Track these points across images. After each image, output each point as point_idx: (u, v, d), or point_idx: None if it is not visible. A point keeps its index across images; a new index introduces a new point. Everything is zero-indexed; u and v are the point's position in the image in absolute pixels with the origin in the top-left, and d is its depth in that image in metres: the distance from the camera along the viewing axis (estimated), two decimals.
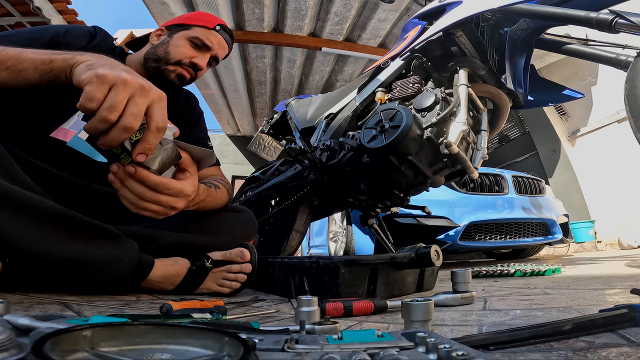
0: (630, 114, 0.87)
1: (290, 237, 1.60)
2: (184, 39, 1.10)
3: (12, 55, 0.65)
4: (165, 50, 1.08)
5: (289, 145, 1.46)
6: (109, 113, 0.54)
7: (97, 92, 0.53)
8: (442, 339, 0.30)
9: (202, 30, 1.12)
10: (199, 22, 1.13)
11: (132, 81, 0.56)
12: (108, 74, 0.54)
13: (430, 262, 0.87)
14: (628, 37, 0.95)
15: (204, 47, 1.11)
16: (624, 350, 0.35)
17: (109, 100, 0.54)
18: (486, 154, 1.31)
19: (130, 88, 0.55)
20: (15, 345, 0.25)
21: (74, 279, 0.81)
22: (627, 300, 0.70)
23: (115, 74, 0.55)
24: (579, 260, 2.40)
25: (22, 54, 0.66)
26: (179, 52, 1.08)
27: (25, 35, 0.91)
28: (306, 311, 0.50)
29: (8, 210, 0.63)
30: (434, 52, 1.33)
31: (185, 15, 1.19)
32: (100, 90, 0.54)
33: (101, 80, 0.54)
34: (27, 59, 0.65)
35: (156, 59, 1.08)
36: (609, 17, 0.92)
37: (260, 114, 6.62)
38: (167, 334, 0.29)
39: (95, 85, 0.54)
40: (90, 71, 0.56)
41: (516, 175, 2.76)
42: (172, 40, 1.09)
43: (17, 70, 0.64)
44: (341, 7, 3.86)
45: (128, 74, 0.56)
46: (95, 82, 0.54)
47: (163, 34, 1.13)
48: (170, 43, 1.09)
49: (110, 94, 0.54)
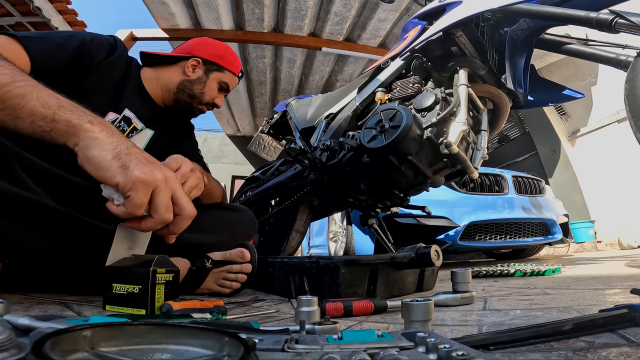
0: (630, 114, 0.87)
1: (290, 237, 1.60)
2: (217, 81, 1.17)
3: (16, 95, 0.57)
4: (202, 91, 1.15)
5: (289, 145, 1.46)
6: (167, 214, 0.57)
7: (143, 198, 0.55)
8: (442, 339, 0.30)
9: (231, 76, 1.21)
10: (231, 67, 1.20)
11: (170, 178, 0.58)
12: (148, 179, 0.55)
13: (430, 262, 0.87)
14: (628, 37, 0.95)
15: (227, 91, 1.22)
16: (624, 350, 0.35)
17: (159, 203, 0.56)
18: (486, 154, 1.31)
19: (170, 185, 0.58)
20: (15, 345, 0.25)
21: (74, 279, 0.81)
22: (627, 300, 0.70)
23: (153, 177, 0.56)
24: (579, 260, 2.40)
25: (25, 96, 0.57)
26: (211, 94, 1.17)
27: (55, 40, 0.91)
28: (306, 311, 0.50)
29: (7, 210, 0.63)
30: (434, 52, 1.33)
31: (219, 49, 1.21)
32: (146, 196, 0.55)
33: (144, 185, 0.55)
34: (26, 108, 0.56)
35: (191, 96, 1.14)
36: (609, 17, 0.91)
37: (260, 114, 6.62)
38: (167, 334, 0.29)
39: (141, 192, 0.54)
40: (126, 172, 0.54)
41: (516, 175, 2.75)
42: (209, 82, 1.16)
43: (13, 117, 0.57)
44: (341, 7, 3.86)
45: (161, 171, 0.57)
46: (140, 189, 0.54)
47: (199, 68, 1.16)
48: (207, 84, 1.15)
49: (156, 198, 0.56)
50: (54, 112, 0.57)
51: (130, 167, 0.55)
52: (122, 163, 0.55)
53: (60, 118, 0.56)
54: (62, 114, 0.57)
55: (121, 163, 0.55)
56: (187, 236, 0.92)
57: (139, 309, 0.61)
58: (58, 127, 0.56)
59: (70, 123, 0.56)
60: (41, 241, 0.69)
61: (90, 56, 0.95)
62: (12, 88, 0.57)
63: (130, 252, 0.70)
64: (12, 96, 0.57)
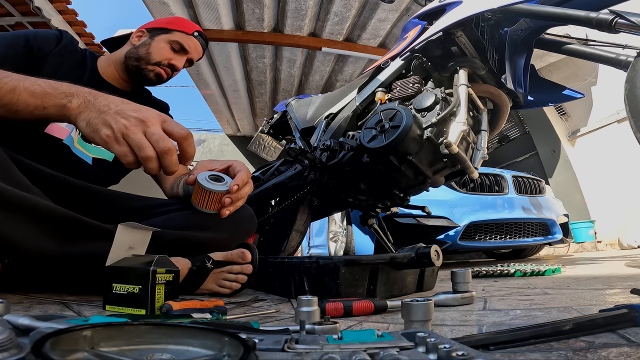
0: (630, 114, 0.87)
1: (290, 237, 1.60)
2: (164, 42, 1.18)
3: (7, 90, 0.65)
4: (147, 51, 1.16)
5: (289, 145, 1.46)
6: (140, 152, 0.63)
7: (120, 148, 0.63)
8: (442, 339, 0.30)
9: (181, 35, 1.20)
10: (179, 27, 1.21)
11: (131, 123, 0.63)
12: (109, 133, 0.63)
13: (430, 262, 0.87)
14: (628, 37, 0.95)
15: (182, 50, 1.20)
16: (624, 350, 0.35)
17: (132, 144, 0.62)
18: (486, 154, 1.31)
19: (136, 128, 0.63)
20: (15, 345, 0.25)
21: (73, 279, 0.80)
22: (627, 300, 0.70)
23: (116, 128, 0.63)
24: (579, 260, 2.40)
25: (15, 90, 0.65)
26: (159, 53, 1.16)
27: (2, 42, 0.96)
28: (306, 311, 0.50)
29: (6, 211, 0.63)
30: (434, 52, 1.33)
31: (165, 19, 1.26)
32: (120, 146, 0.63)
33: (112, 139, 0.63)
34: (20, 101, 0.65)
35: (137, 58, 1.15)
36: (609, 17, 0.91)
37: (260, 114, 6.61)
38: (167, 334, 0.29)
39: (114, 146, 0.63)
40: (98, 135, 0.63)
41: (516, 175, 2.75)
42: (154, 42, 1.17)
43: (13, 110, 0.66)
44: (341, 7, 3.86)
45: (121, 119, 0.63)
46: (112, 145, 0.63)
47: (144, 36, 1.19)
48: (151, 45, 1.17)
49: (129, 141, 0.63)
50: (42, 100, 0.65)
51: (99, 128, 0.63)
52: (94, 127, 0.63)
53: (48, 104, 0.65)
54: (49, 100, 0.65)
55: (93, 127, 0.63)
56: (187, 233, 0.93)
57: (139, 309, 0.61)
58: (51, 112, 0.66)
59: (57, 106, 0.65)
60: (41, 241, 0.69)
61: (40, 49, 1.00)
62: (2, 85, 0.64)
63: (130, 252, 0.70)
64: (5, 93, 0.64)
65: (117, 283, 0.64)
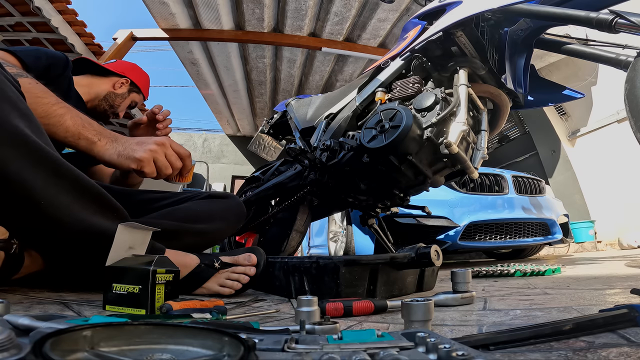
0: (630, 114, 0.87)
1: (290, 237, 1.60)
2: (131, 99, 1.45)
3: (58, 114, 0.78)
4: (119, 103, 1.41)
5: (289, 145, 1.46)
6: (165, 170, 0.87)
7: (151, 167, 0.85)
8: (442, 339, 0.30)
9: (140, 98, 1.51)
10: (145, 92, 1.53)
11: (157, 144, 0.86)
12: (145, 155, 0.84)
13: (430, 262, 0.87)
14: (628, 37, 0.95)
15: (133, 108, 1.51)
16: (624, 350, 0.35)
17: (160, 164, 0.86)
18: (486, 154, 1.31)
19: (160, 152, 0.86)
20: (15, 345, 0.25)
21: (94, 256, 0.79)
22: (627, 300, 0.70)
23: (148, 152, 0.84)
24: (579, 260, 2.40)
25: (64, 116, 0.79)
26: (124, 108, 1.44)
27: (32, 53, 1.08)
28: (306, 311, 0.50)
29: (55, 177, 0.68)
30: (434, 52, 1.33)
31: (144, 77, 1.52)
32: (151, 166, 0.85)
33: (145, 160, 0.84)
34: (63, 126, 0.78)
35: (111, 105, 1.38)
36: (609, 17, 0.91)
37: (260, 114, 6.62)
38: (167, 334, 0.29)
39: (147, 166, 0.84)
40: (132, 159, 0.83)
41: (516, 175, 2.75)
42: (128, 98, 1.43)
43: (52, 131, 0.76)
44: (341, 7, 3.86)
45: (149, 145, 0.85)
46: (145, 164, 0.84)
47: (125, 86, 1.42)
48: (125, 100, 1.42)
49: (157, 163, 0.86)
50: (79, 131, 0.80)
51: (132, 155, 0.83)
52: (127, 155, 0.83)
53: (83, 136, 0.80)
54: (84, 132, 0.80)
55: (126, 155, 0.83)
56: (184, 226, 0.99)
57: (139, 309, 0.61)
58: (81, 143, 0.80)
59: (88, 140, 0.81)
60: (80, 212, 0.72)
61: (55, 69, 1.14)
62: (57, 108, 0.78)
63: (130, 252, 0.70)
64: (55, 115, 0.78)
65: (117, 283, 0.64)
